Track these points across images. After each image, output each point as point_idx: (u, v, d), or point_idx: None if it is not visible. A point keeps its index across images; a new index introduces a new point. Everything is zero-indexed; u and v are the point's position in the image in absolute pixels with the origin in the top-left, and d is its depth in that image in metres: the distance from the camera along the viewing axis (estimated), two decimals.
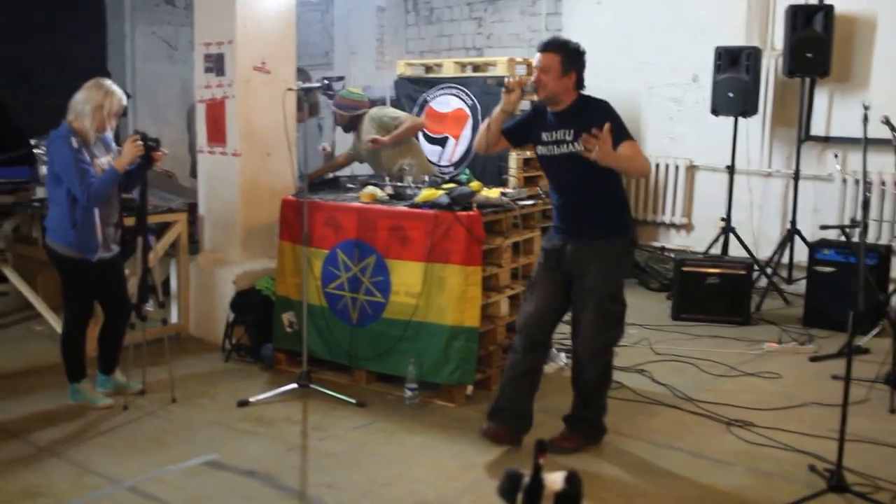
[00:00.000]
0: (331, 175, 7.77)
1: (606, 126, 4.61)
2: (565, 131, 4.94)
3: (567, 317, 5.25)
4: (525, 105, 6.25)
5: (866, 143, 5.03)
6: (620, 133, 4.80)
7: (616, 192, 5.10)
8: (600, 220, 5.00)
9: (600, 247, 4.98)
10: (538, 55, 4.98)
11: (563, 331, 7.42)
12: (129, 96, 11.25)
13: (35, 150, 8.11)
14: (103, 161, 5.65)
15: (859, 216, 4.79)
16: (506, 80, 5.07)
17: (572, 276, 5.07)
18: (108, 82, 5.68)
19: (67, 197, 5.54)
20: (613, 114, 4.91)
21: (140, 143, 5.59)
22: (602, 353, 5.13)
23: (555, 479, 4.04)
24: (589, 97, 5.05)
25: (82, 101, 5.58)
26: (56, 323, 7.07)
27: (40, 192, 7.46)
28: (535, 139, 5.12)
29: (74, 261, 5.66)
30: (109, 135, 5.80)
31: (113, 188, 5.65)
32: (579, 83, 4.99)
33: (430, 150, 9.04)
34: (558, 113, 5.00)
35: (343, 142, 8.75)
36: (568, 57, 4.94)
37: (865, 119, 4.93)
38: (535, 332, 5.15)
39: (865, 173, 5.15)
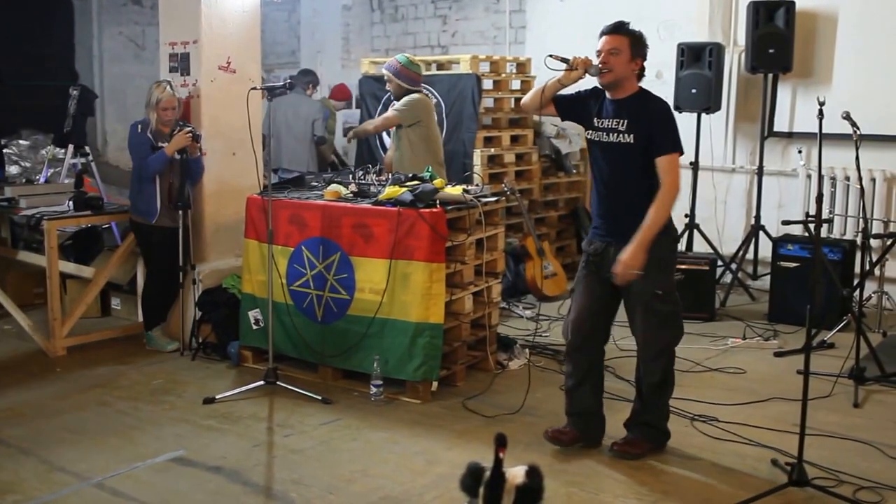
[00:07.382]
0: (296, 173, 7.77)
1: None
2: (619, 121, 4.85)
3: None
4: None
5: (821, 139, 5.06)
6: (665, 143, 4.78)
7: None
8: (643, 218, 4.78)
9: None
10: (606, 37, 4.87)
11: (528, 327, 7.49)
12: (96, 96, 11.28)
13: (5, 151, 8.08)
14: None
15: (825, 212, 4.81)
16: (572, 58, 4.88)
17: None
18: (163, 82, 6.80)
19: (135, 172, 6.83)
20: (666, 118, 4.85)
21: (189, 134, 6.66)
22: (660, 355, 5.03)
23: (516, 473, 4.08)
24: (650, 93, 4.96)
25: (146, 99, 6.79)
26: (24, 321, 7.20)
27: (8, 192, 7.47)
28: (587, 122, 5.01)
29: (139, 225, 6.92)
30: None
31: (163, 166, 6.69)
32: (641, 73, 4.92)
33: None
34: (616, 101, 4.90)
35: None
36: (636, 41, 4.86)
37: (821, 114, 4.95)
38: (576, 338, 5.13)
39: (821, 168, 5.18)
